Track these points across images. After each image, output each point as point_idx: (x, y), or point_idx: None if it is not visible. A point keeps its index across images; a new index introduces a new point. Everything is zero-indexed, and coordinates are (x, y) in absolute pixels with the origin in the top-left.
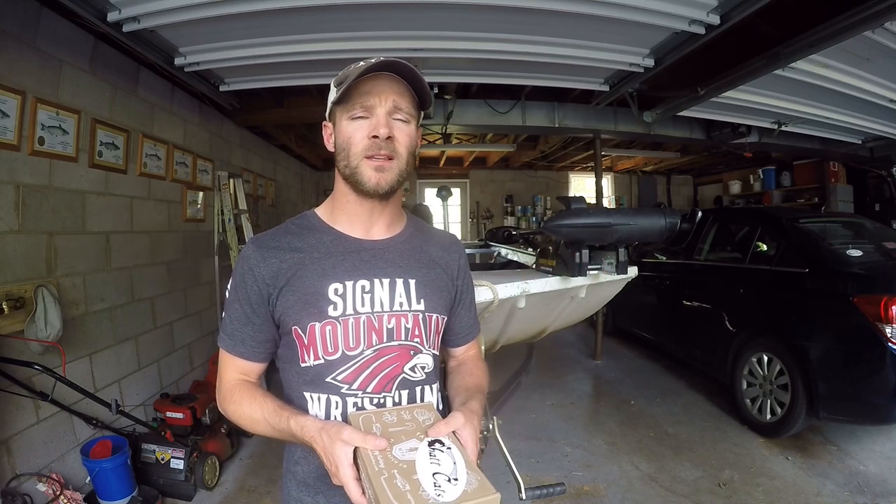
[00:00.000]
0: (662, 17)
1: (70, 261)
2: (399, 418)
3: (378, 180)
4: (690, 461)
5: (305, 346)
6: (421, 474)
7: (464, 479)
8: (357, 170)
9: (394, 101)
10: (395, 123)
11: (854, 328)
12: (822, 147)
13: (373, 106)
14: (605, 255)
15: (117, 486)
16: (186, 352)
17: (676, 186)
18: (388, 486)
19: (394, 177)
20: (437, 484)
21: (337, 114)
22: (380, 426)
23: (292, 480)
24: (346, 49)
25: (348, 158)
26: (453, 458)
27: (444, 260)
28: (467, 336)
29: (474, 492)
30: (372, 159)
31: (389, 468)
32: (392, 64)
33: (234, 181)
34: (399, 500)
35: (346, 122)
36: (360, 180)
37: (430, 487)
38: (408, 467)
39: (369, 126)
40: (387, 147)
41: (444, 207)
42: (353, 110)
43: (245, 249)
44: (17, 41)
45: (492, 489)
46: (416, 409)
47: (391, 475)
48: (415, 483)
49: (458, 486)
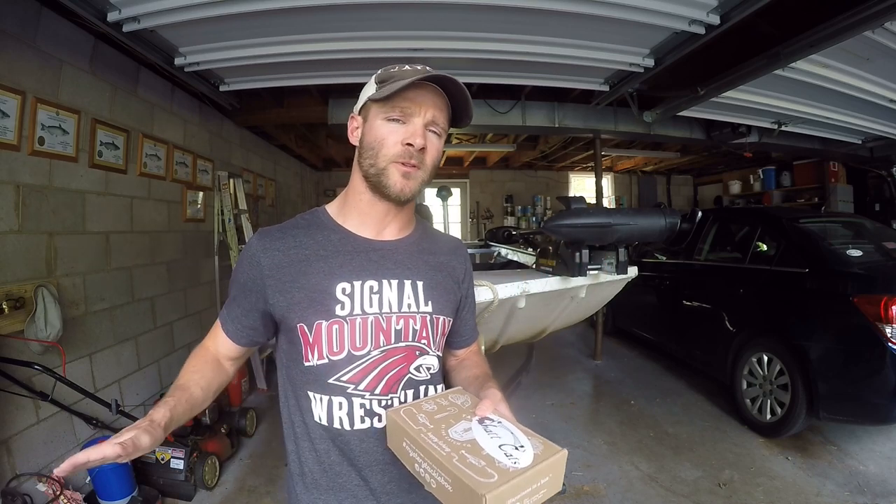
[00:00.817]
0: (662, 17)
1: (70, 261)
2: (438, 406)
3: (403, 187)
4: (690, 461)
5: (310, 344)
6: (489, 449)
7: (528, 444)
8: (384, 172)
9: (433, 115)
10: (428, 135)
11: (854, 328)
12: (822, 147)
13: (412, 114)
14: (605, 255)
15: (117, 486)
16: (186, 352)
17: (676, 186)
18: (464, 465)
19: (417, 186)
20: (507, 454)
21: (371, 111)
22: (424, 416)
23: (300, 482)
24: (346, 49)
25: (376, 158)
26: (509, 429)
27: (450, 264)
28: (470, 339)
29: (543, 453)
30: (402, 165)
31: (456, 450)
32: (442, 79)
33: (234, 181)
34: (481, 475)
35: (381, 122)
36: (386, 183)
37: (503, 458)
38: (472, 446)
39: (405, 132)
40: (417, 157)
41: (444, 207)
42: (392, 112)
43: (251, 239)
44: (17, 41)
45: (557, 448)
46: (451, 395)
47: (461, 456)
48: (488, 458)
49: (526, 451)
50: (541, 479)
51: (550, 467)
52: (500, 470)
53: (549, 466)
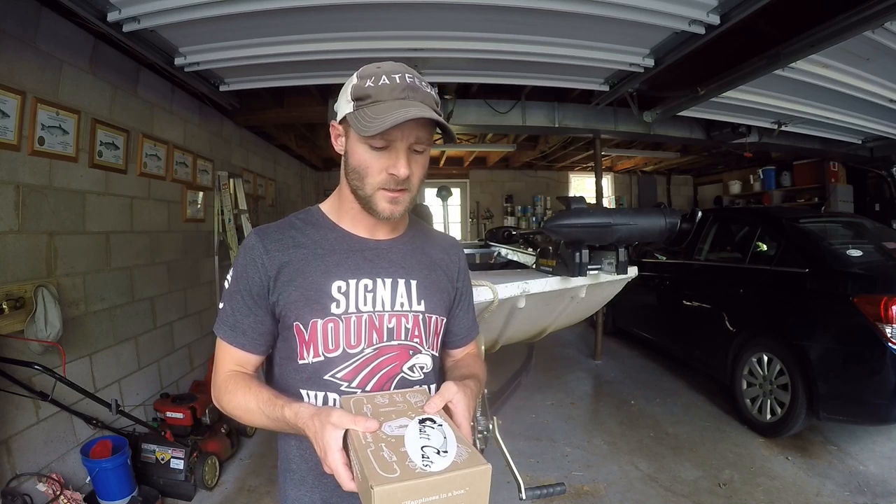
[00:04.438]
0: (662, 18)
1: (70, 261)
2: (391, 400)
3: (392, 211)
4: (690, 461)
5: (306, 342)
6: (409, 447)
7: (454, 451)
8: (371, 199)
9: (416, 136)
10: (412, 158)
11: (854, 328)
12: (822, 147)
13: (394, 139)
14: (605, 255)
15: (117, 486)
16: (186, 352)
17: (676, 186)
18: (374, 457)
19: (405, 206)
20: (425, 455)
21: (352, 130)
22: (371, 408)
23: (290, 479)
24: (345, 49)
25: (362, 185)
26: (444, 433)
27: (444, 262)
28: (466, 338)
29: (464, 462)
30: (387, 192)
31: (377, 442)
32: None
33: (234, 181)
34: (385, 469)
35: (363, 146)
36: (374, 208)
37: (417, 459)
38: (396, 441)
39: (388, 160)
40: (403, 183)
41: (444, 207)
42: (373, 141)
43: (248, 240)
44: (17, 41)
45: (482, 460)
46: (409, 393)
47: (378, 448)
48: (402, 455)
49: (447, 457)
50: (453, 489)
51: (466, 479)
52: (407, 469)
53: (464, 478)
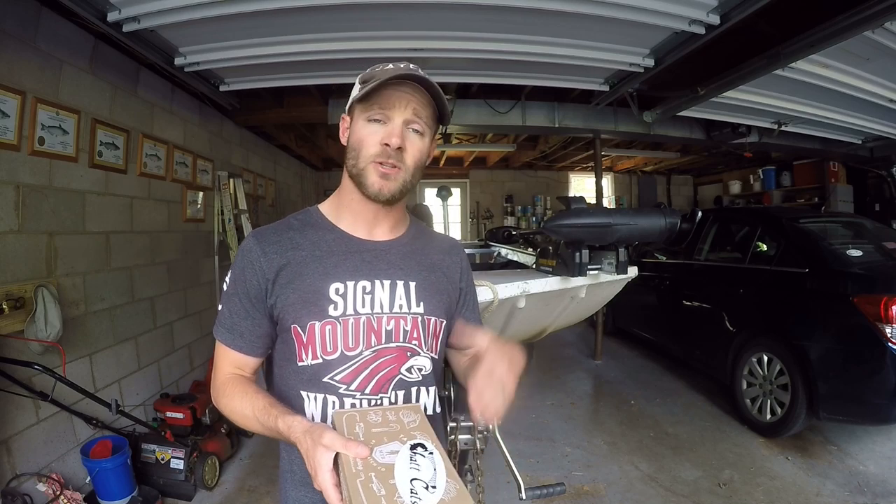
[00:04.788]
0: (662, 18)
1: (70, 261)
2: (384, 419)
3: (381, 187)
4: (690, 461)
5: (304, 344)
6: (398, 479)
7: (442, 487)
8: (363, 172)
9: (414, 109)
10: (408, 134)
11: (854, 328)
12: (822, 147)
13: (391, 111)
14: (605, 255)
15: (117, 486)
16: (186, 352)
17: (676, 186)
18: (363, 489)
19: (397, 186)
20: (413, 490)
21: (356, 111)
22: (363, 426)
23: (290, 480)
24: (345, 49)
25: (357, 159)
26: (434, 464)
27: (445, 264)
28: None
29: (451, 501)
30: (379, 165)
31: (367, 471)
32: (418, 77)
33: (234, 181)
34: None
35: (363, 123)
36: (364, 183)
37: (406, 494)
38: (386, 471)
39: (383, 132)
40: (396, 157)
41: (444, 207)
42: (372, 111)
43: (246, 242)
44: (17, 41)
45: (470, 500)
46: (402, 411)
47: (367, 478)
48: (391, 488)
49: (435, 494)
50: None
51: None
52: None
53: None
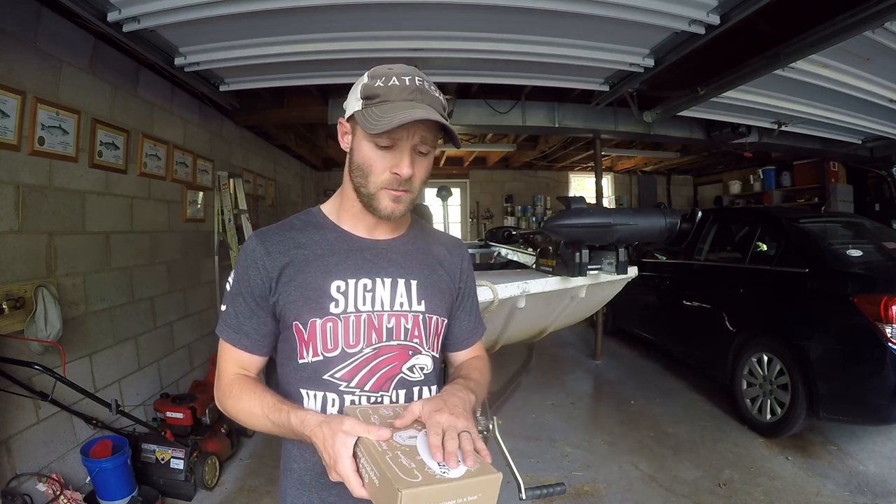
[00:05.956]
0: (662, 18)
1: (70, 261)
2: (395, 413)
3: (393, 210)
4: (690, 461)
5: (305, 341)
6: (424, 455)
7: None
8: (374, 197)
9: (421, 136)
10: (416, 159)
11: (854, 328)
12: (822, 147)
13: (400, 140)
14: (605, 255)
15: (117, 486)
16: (186, 352)
17: (676, 186)
18: (394, 463)
19: (407, 206)
20: (440, 463)
21: (359, 128)
22: (378, 419)
23: (289, 479)
24: (345, 49)
25: (366, 183)
26: None
27: (446, 262)
28: (469, 340)
29: (477, 471)
30: (391, 191)
31: (392, 450)
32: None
33: (234, 181)
34: (407, 474)
35: (369, 144)
36: (377, 207)
37: (435, 467)
38: (410, 450)
39: (392, 160)
40: (406, 184)
41: (444, 207)
42: (379, 139)
43: (249, 242)
44: (17, 41)
45: (493, 469)
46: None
47: (395, 455)
48: (420, 462)
49: (461, 465)
50: (468, 495)
51: (480, 486)
52: (428, 475)
53: (479, 484)
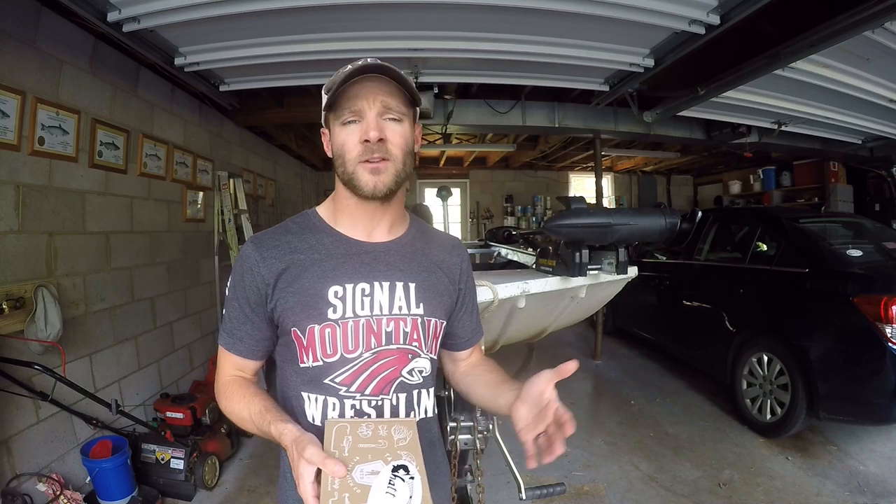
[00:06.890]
0: (662, 17)
1: (70, 261)
2: (374, 433)
3: (375, 183)
4: (690, 461)
5: (304, 347)
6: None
7: None
8: (354, 175)
9: (382, 101)
10: (386, 124)
11: (854, 328)
12: (822, 147)
13: (362, 109)
14: (605, 255)
15: (117, 486)
16: (186, 352)
17: (676, 186)
18: None
19: (390, 178)
20: None
21: (330, 120)
22: (351, 440)
23: (289, 479)
24: (346, 49)
25: (344, 165)
26: (411, 490)
27: (445, 263)
28: (471, 340)
29: None
30: (367, 163)
31: (342, 491)
32: (376, 66)
33: (234, 181)
34: None
35: (339, 129)
36: (358, 185)
37: None
38: (361, 493)
39: (360, 130)
40: (380, 150)
41: (444, 207)
42: (343, 115)
43: (244, 248)
44: (17, 41)
45: None
46: (395, 426)
47: (341, 499)
48: None
49: None
50: None
51: None
52: None
53: None
